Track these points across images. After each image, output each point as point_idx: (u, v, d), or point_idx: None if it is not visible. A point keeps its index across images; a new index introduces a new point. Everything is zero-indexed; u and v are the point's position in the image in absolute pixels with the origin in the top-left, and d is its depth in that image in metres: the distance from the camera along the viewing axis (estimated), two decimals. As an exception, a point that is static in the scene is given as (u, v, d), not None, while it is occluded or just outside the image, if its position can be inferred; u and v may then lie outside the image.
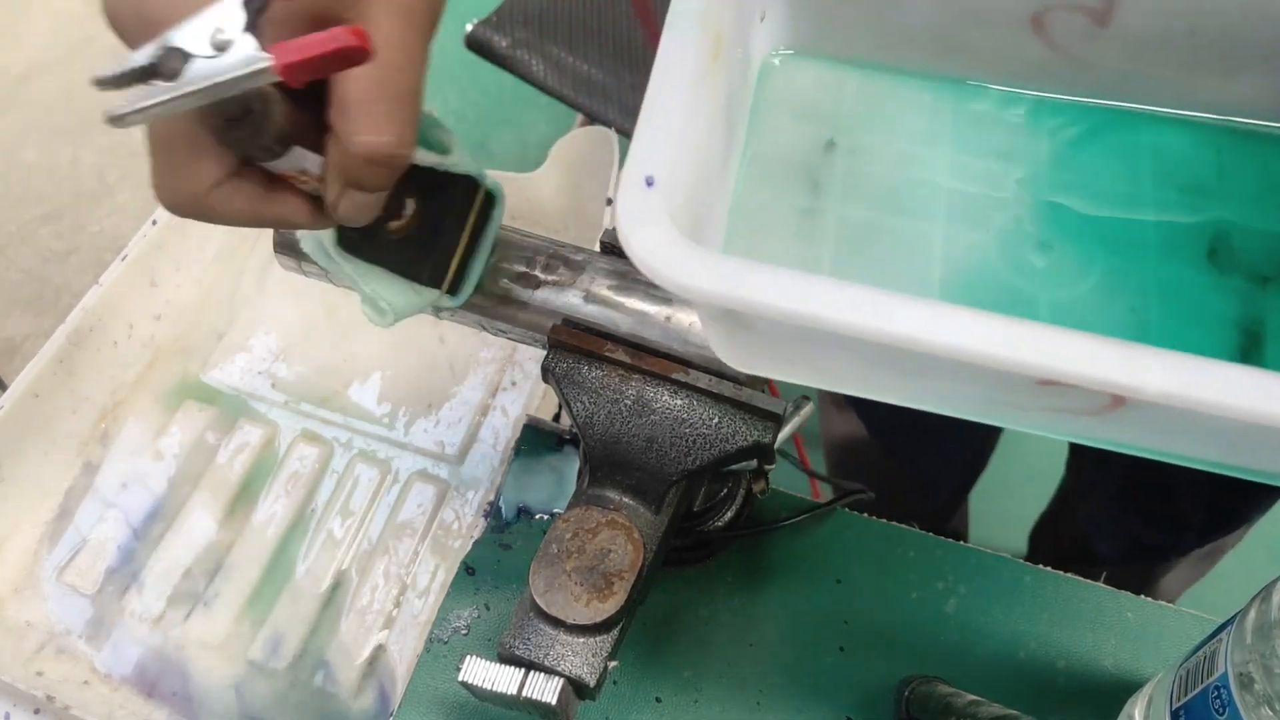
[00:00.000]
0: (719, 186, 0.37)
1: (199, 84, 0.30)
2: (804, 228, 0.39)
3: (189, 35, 0.31)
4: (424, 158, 0.39)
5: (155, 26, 0.31)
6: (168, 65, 0.31)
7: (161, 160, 0.34)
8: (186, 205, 0.34)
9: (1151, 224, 0.38)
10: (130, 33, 0.32)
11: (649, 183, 0.29)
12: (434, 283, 0.43)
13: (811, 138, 0.41)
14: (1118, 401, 0.29)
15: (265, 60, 0.30)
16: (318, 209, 0.36)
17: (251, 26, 0.31)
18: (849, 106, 0.41)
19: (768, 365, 0.36)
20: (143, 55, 0.31)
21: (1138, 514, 0.78)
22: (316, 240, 0.42)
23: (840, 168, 0.40)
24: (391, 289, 0.42)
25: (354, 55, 0.31)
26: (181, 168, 0.33)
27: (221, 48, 0.31)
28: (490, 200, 0.43)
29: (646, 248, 0.28)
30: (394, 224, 0.40)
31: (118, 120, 0.31)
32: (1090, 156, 0.40)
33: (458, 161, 0.40)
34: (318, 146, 0.35)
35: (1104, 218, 0.38)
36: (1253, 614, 0.36)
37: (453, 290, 0.43)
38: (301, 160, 0.35)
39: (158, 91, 0.31)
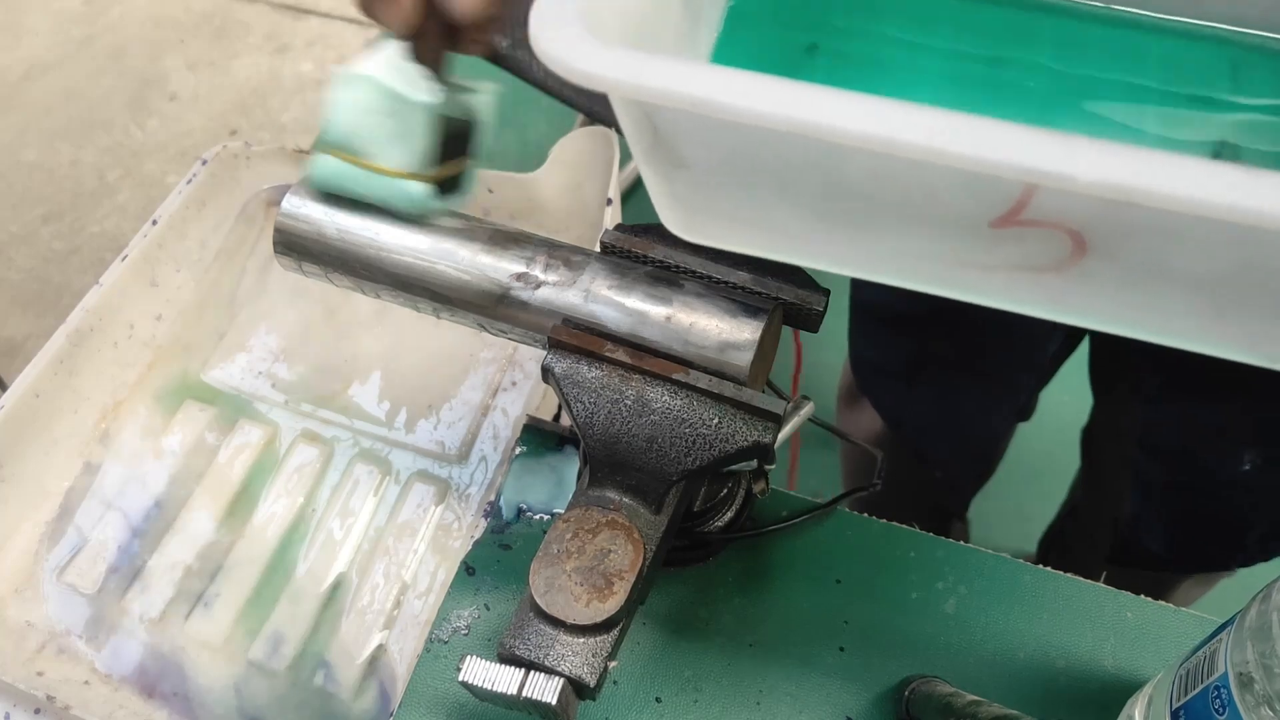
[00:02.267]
0: (682, 47, 0.35)
1: None
2: None
3: None
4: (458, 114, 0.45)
5: None
6: None
7: None
8: None
9: (1153, 131, 0.36)
10: None
11: None
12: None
13: (792, 39, 0.39)
14: (1079, 247, 0.27)
15: None
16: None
17: None
18: (834, 9, 0.40)
19: (711, 226, 0.34)
20: None
21: (1187, 514, 0.76)
22: (336, 167, 0.45)
23: (820, 72, 0.38)
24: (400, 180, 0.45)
25: None
26: None
27: None
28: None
29: (554, 42, 0.27)
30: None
31: None
32: (1097, 60, 0.38)
33: (484, 120, 0.48)
34: None
35: (1105, 118, 0.36)
36: (1253, 614, 0.36)
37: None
38: None
39: None
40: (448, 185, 0.47)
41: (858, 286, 0.74)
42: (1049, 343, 0.64)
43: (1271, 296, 0.27)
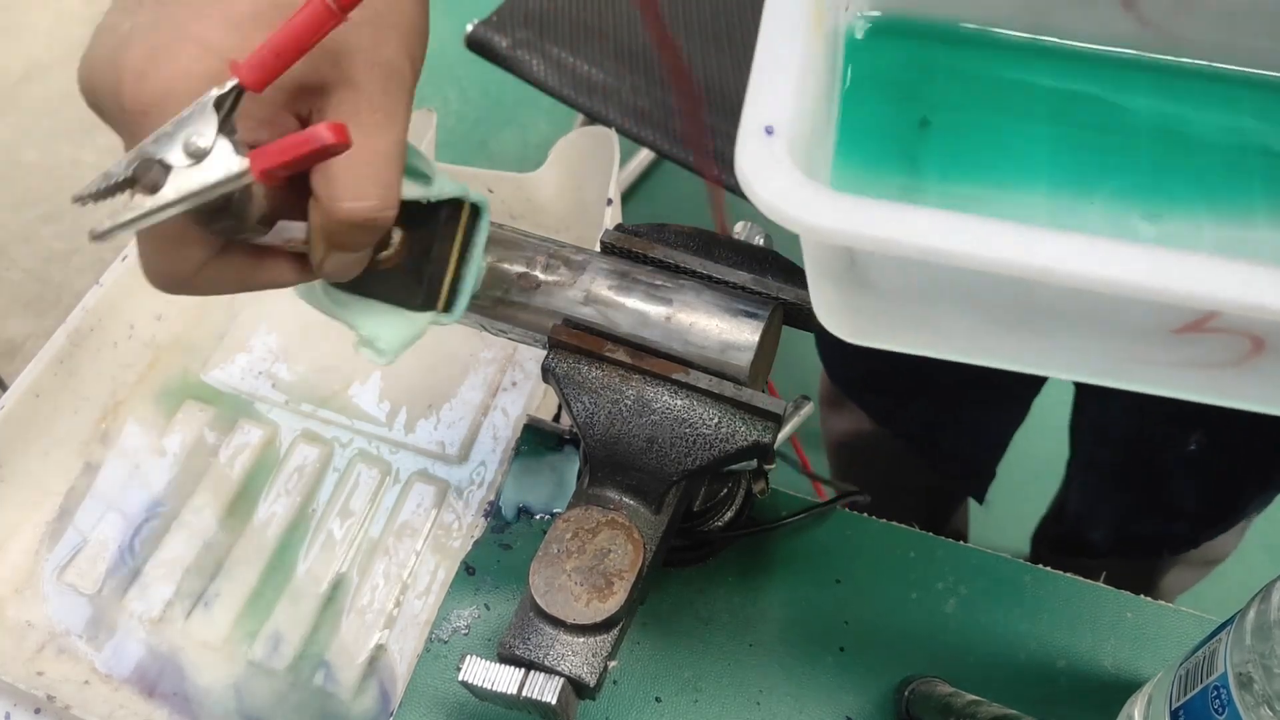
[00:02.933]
0: (821, 158, 0.36)
1: (179, 195, 0.31)
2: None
3: (165, 145, 0.31)
4: (407, 190, 0.37)
5: (134, 118, 0.31)
6: (147, 177, 0.31)
7: (148, 248, 0.34)
8: (177, 287, 0.35)
9: (1260, 187, 0.37)
10: (111, 117, 0.33)
11: (769, 131, 0.29)
12: (428, 306, 0.42)
13: (905, 115, 0.39)
14: (1258, 347, 0.28)
15: (243, 166, 0.31)
16: (305, 267, 0.37)
17: (226, 128, 0.31)
18: (940, 84, 0.40)
19: (882, 331, 0.34)
20: (120, 168, 0.31)
21: (1128, 499, 0.77)
22: (307, 286, 0.42)
23: (935, 145, 0.39)
24: (386, 322, 0.42)
25: (333, 150, 0.31)
26: (168, 254, 0.34)
27: (198, 155, 0.31)
28: (476, 212, 0.42)
29: (774, 192, 0.28)
30: (383, 255, 0.40)
31: (102, 236, 0.32)
32: (1191, 125, 0.39)
33: (441, 189, 0.39)
34: (301, 213, 0.35)
35: (1208, 183, 0.37)
36: (1252, 614, 0.36)
37: (448, 308, 0.43)
38: (286, 230, 0.35)
39: (139, 205, 0.31)
40: (448, 301, 0.43)
41: None
42: None
43: None
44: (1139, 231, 0.36)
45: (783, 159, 0.28)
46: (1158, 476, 0.72)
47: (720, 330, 0.42)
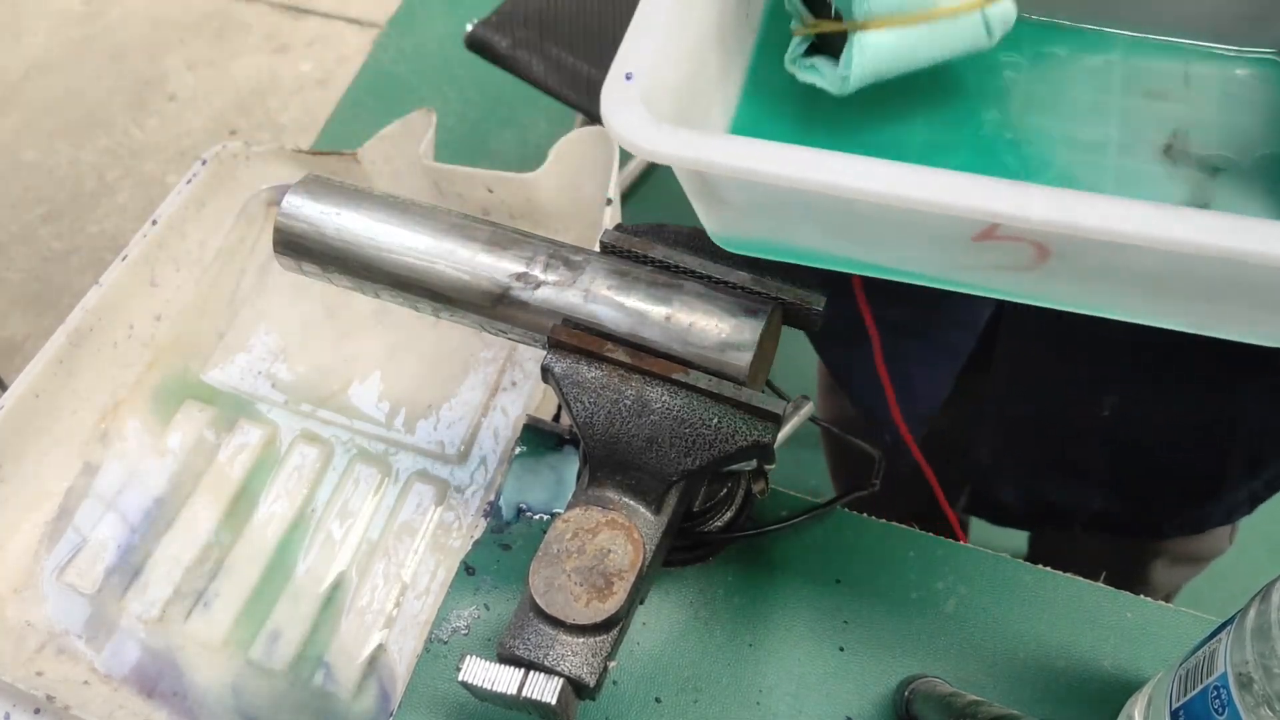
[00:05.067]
0: (715, 102, 0.42)
1: None
2: None
3: None
4: None
5: None
6: None
7: None
8: None
9: (1116, 124, 0.42)
10: None
11: (628, 77, 0.35)
12: None
13: (800, 91, 0.44)
14: (1042, 254, 0.34)
15: None
16: None
17: None
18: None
19: (749, 237, 0.40)
20: None
21: (1035, 454, 0.77)
22: None
23: (827, 103, 0.44)
24: None
25: None
26: None
27: None
28: None
29: (625, 124, 0.34)
30: None
31: None
32: (1066, 73, 0.44)
33: None
34: None
35: (1071, 120, 0.43)
36: (1252, 614, 0.36)
37: None
38: None
39: None
40: None
41: None
42: (983, 304, 0.65)
43: (1191, 284, 0.34)
44: (1005, 163, 0.42)
45: (634, 100, 0.35)
46: (1068, 436, 0.72)
47: (719, 330, 0.42)
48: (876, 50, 0.40)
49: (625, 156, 0.53)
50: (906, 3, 0.39)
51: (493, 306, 0.45)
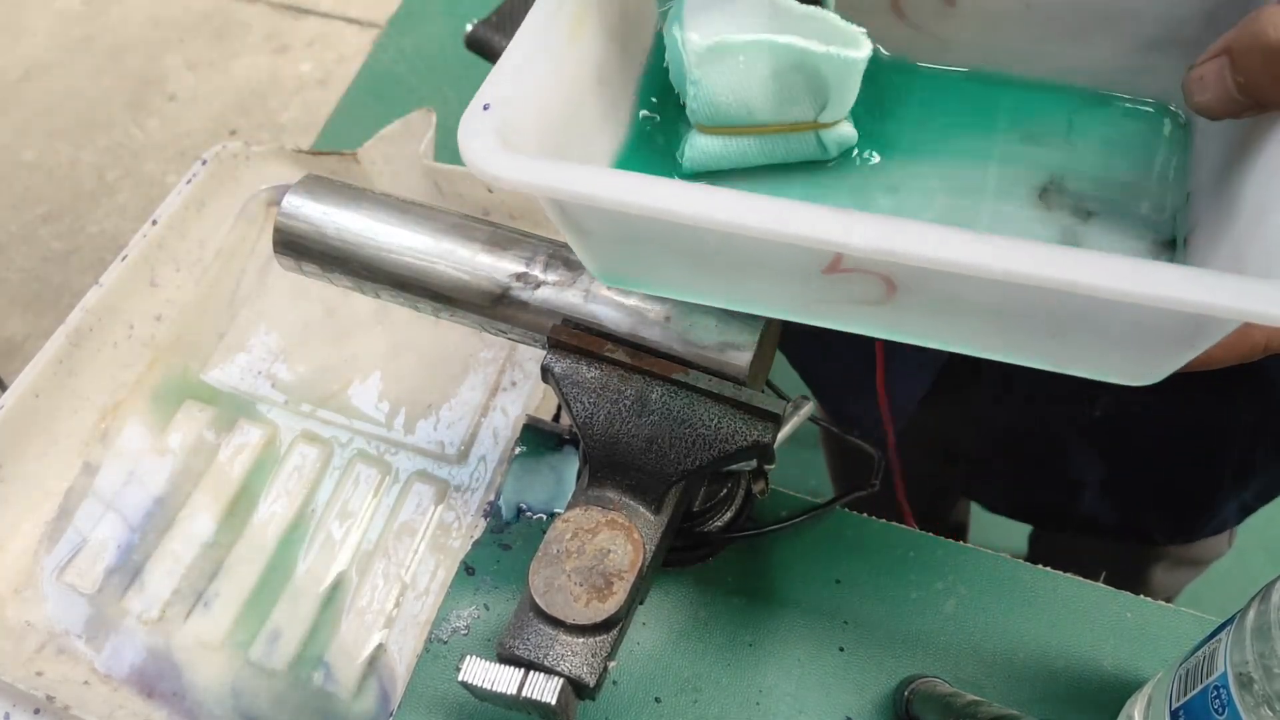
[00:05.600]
0: (595, 146, 0.43)
1: None
2: None
3: None
4: None
5: None
6: None
7: None
8: None
9: (995, 169, 0.43)
10: None
11: (485, 107, 0.36)
12: None
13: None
14: (890, 287, 0.35)
15: None
16: None
17: None
18: None
19: (618, 272, 0.41)
20: None
21: (1020, 454, 0.76)
22: None
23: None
24: None
25: None
26: None
27: None
28: None
29: (472, 151, 0.35)
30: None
31: None
32: (951, 117, 0.45)
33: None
34: None
35: (952, 165, 0.43)
36: (1252, 614, 0.36)
37: None
38: None
39: None
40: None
41: None
42: None
43: (1036, 319, 0.34)
44: (878, 202, 0.42)
45: (488, 130, 0.35)
46: (1058, 437, 0.72)
47: (719, 330, 0.42)
48: (706, 150, 0.42)
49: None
50: (730, 117, 0.40)
51: (493, 306, 0.45)
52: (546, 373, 0.43)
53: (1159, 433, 0.67)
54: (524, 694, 0.38)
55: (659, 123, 0.45)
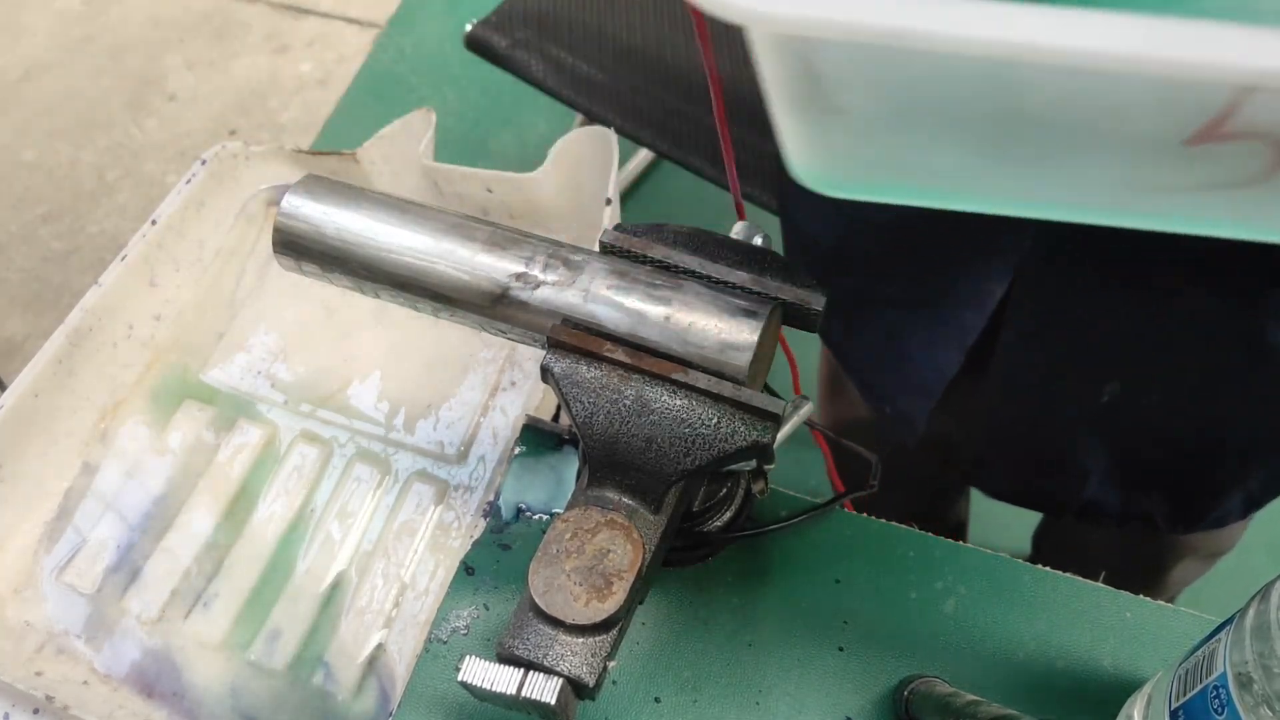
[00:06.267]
0: None
1: None
2: None
3: None
4: None
5: None
6: None
7: None
8: None
9: None
10: None
11: None
12: None
13: None
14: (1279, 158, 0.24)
15: None
16: None
17: None
18: None
19: (857, 172, 0.31)
20: None
21: (1026, 437, 0.75)
22: None
23: None
24: None
25: None
26: None
27: None
28: None
29: None
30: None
31: None
32: None
33: None
34: None
35: None
36: (1251, 614, 0.36)
37: None
38: None
39: None
40: None
41: (792, 225, 0.73)
42: (993, 283, 0.64)
43: None
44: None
45: None
46: (1065, 422, 0.71)
47: (719, 330, 0.42)
48: None
49: (625, 156, 0.53)
50: None
51: (492, 306, 0.45)
52: (546, 373, 0.43)
53: (1165, 420, 0.67)
54: (523, 694, 0.38)
55: None
